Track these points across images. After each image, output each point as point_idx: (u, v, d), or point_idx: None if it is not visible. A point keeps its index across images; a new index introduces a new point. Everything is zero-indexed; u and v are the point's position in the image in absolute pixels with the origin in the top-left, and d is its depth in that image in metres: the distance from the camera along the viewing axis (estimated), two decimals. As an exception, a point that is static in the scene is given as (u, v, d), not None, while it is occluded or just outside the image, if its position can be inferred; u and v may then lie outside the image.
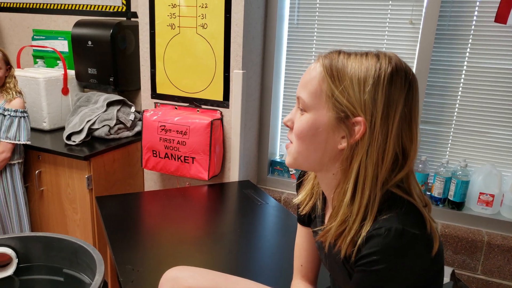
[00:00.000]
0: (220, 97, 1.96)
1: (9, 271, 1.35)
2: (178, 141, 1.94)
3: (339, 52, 0.74)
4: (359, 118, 0.70)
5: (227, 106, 1.95)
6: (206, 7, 1.84)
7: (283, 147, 2.25)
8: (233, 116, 1.94)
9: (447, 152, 1.91)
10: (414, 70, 1.80)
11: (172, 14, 1.92)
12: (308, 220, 0.94)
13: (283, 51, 2.11)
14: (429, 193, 1.92)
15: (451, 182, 1.84)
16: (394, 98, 0.69)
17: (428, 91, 1.85)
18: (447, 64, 1.81)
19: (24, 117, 1.96)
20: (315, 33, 2.02)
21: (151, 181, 2.30)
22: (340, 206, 0.73)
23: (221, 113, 1.97)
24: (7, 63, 1.93)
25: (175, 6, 1.90)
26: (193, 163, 1.94)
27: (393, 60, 0.71)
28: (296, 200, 0.95)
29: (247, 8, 1.81)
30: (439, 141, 1.91)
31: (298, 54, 2.08)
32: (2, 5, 2.70)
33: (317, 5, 1.98)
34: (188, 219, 1.60)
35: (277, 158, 2.26)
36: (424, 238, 0.67)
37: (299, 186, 0.97)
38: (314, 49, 2.04)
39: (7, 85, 1.94)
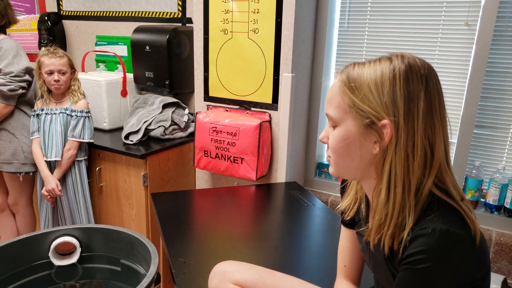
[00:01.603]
0: (269, 100, 2.00)
1: (73, 259, 1.47)
2: (228, 142, 2.00)
3: (354, 64, 0.78)
4: (384, 121, 0.72)
5: (275, 109, 1.99)
6: (258, 12, 1.90)
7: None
8: (281, 118, 1.98)
9: (504, 158, 1.83)
10: (469, 73, 1.75)
11: (225, 20, 1.99)
12: (352, 222, 0.97)
13: (332, 54, 2.12)
14: (483, 200, 1.85)
15: (507, 189, 1.76)
16: (414, 94, 0.71)
17: (483, 94, 1.78)
18: (504, 67, 1.74)
19: (88, 117, 2.12)
20: (366, 36, 2.01)
21: (202, 180, 2.39)
22: (377, 205, 0.76)
23: (269, 115, 2.01)
24: (72, 67, 2.09)
25: (228, 12, 1.97)
26: (242, 163, 2.00)
27: (405, 58, 0.73)
28: (341, 206, 0.98)
29: (297, 13, 1.84)
30: (495, 146, 1.83)
31: (348, 57, 2.08)
32: (69, 14, 2.92)
33: (368, 8, 1.97)
34: (236, 217, 1.66)
35: (325, 161, 2.27)
36: (469, 239, 0.68)
37: (342, 192, 0.99)
38: (364, 52, 2.03)
39: (72, 87, 2.10)
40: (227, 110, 2.15)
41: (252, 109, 2.07)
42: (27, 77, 2.11)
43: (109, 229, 1.47)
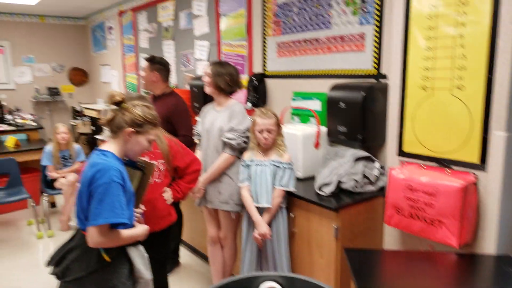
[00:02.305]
0: (474, 159, 1.85)
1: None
2: (425, 202, 1.91)
3: None
4: None
5: (483, 169, 1.82)
6: (464, 69, 1.81)
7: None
8: (491, 181, 1.79)
9: None
10: None
11: (425, 77, 1.96)
12: None
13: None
14: None
15: None
16: None
17: None
18: None
19: (292, 168, 2.33)
20: None
21: (391, 237, 2.31)
22: None
23: (475, 176, 1.85)
24: (278, 125, 2.35)
25: (429, 69, 1.94)
26: (440, 227, 1.87)
27: None
28: None
29: (513, 68, 1.69)
30: None
31: None
32: (272, 74, 3.30)
33: None
34: (436, 288, 1.55)
35: (544, 231, 1.94)
36: None
37: None
38: None
39: (278, 141, 2.35)
40: (423, 167, 2.07)
41: (453, 167, 1.94)
42: (248, 134, 2.47)
43: (312, 283, 1.54)
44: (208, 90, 2.58)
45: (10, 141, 4.72)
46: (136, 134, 1.67)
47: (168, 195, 2.26)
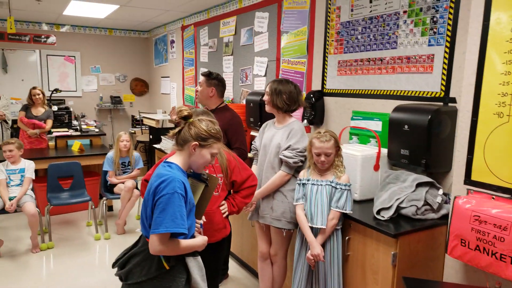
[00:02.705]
0: (554, 194, 1.72)
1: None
2: (495, 235, 1.79)
3: None
4: None
5: None
6: (545, 96, 1.70)
7: None
8: None
9: None
10: None
11: (501, 103, 1.86)
12: None
13: None
14: None
15: None
16: None
17: None
18: None
19: (349, 190, 2.28)
20: None
21: (452, 269, 2.19)
22: None
23: (554, 212, 1.71)
24: (337, 147, 2.30)
25: (506, 95, 1.83)
26: (511, 263, 1.74)
27: None
28: None
29: None
30: None
31: None
32: (330, 91, 3.27)
33: None
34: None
35: None
36: None
37: None
38: None
39: (336, 162, 2.31)
40: (493, 198, 1.94)
41: (529, 201, 1.81)
42: (306, 153, 2.46)
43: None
44: (267, 108, 2.61)
45: (75, 145, 5.01)
46: (200, 147, 1.71)
47: (224, 208, 2.30)
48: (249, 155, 2.78)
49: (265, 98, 2.60)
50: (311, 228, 2.32)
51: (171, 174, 1.61)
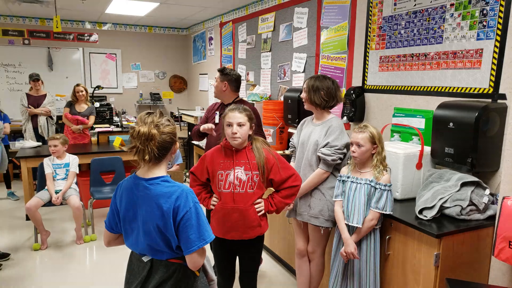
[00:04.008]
0: None
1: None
2: (548, 238, 1.71)
3: None
4: None
5: None
6: None
7: None
8: None
9: None
10: None
11: (557, 100, 1.76)
12: None
13: None
14: None
15: None
16: None
17: None
18: None
19: (390, 190, 2.22)
20: None
21: (498, 272, 2.11)
22: None
23: None
24: (374, 143, 2.25)
25: (562, 91, 1.74)
26: None
27: None
28: None
29: None
30: None
31: None
32: (372, 88, 3.21)
33: None
34: None
35: None
36: None
37: None
38: None
39: (375, 162, 2.25)
40: (546, 200, 1.85)
41: None
42: (345, 150, 2.43)
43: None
44: (306, 106, 2.59)
45: (117, 141, 5.17)
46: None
47: (260, 206, 2.27)
48: (287, 152, 2.76)
49: (303, 95, 2.58)
50: (347, 225, 2.30)
51: (177, 188, 1.55)
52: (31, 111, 5.57)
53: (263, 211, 2.27)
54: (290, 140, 2.80)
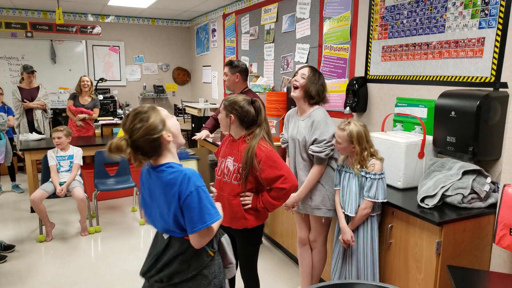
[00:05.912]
0: None
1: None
2: (548, 225, 1.72)
3: None
4: None
5: None
6: None
7: None
8: None
9: None
10: None
11: (558, 87, 1.77)
12: None
13: None
14: None
15: None
16: None
17: None
18: None
19: (381, 178, 2.23)
20: None
21: (499, 259, 2.13)
22: None
23: None
24: (352, 142, 2.24)
25: None
26: None
27: None
28: None
29: None
30: None
31: None
32: (374, 78, 3.22)
33: None
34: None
35: None
36: None
37: None
38: None
39: (363, 156, 2.24)
40: (547, 187, 1.87)
41: None
42: (334, 140, 2.37)
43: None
44: (296, 93, 2.46)
45: (121, 133, 5.16)
46: (166, 131, 1.62)
47: (246, 199, 2.22)
48: (282, 146, 2.76)
49: (298, 80, 2.45)
50: (345, 214, 2.35)
51: (179, 173, 1.57)
52: (27, 105, 5.42)
53: (249, 206, 2.21)
54: (281, 135, 2.74)
